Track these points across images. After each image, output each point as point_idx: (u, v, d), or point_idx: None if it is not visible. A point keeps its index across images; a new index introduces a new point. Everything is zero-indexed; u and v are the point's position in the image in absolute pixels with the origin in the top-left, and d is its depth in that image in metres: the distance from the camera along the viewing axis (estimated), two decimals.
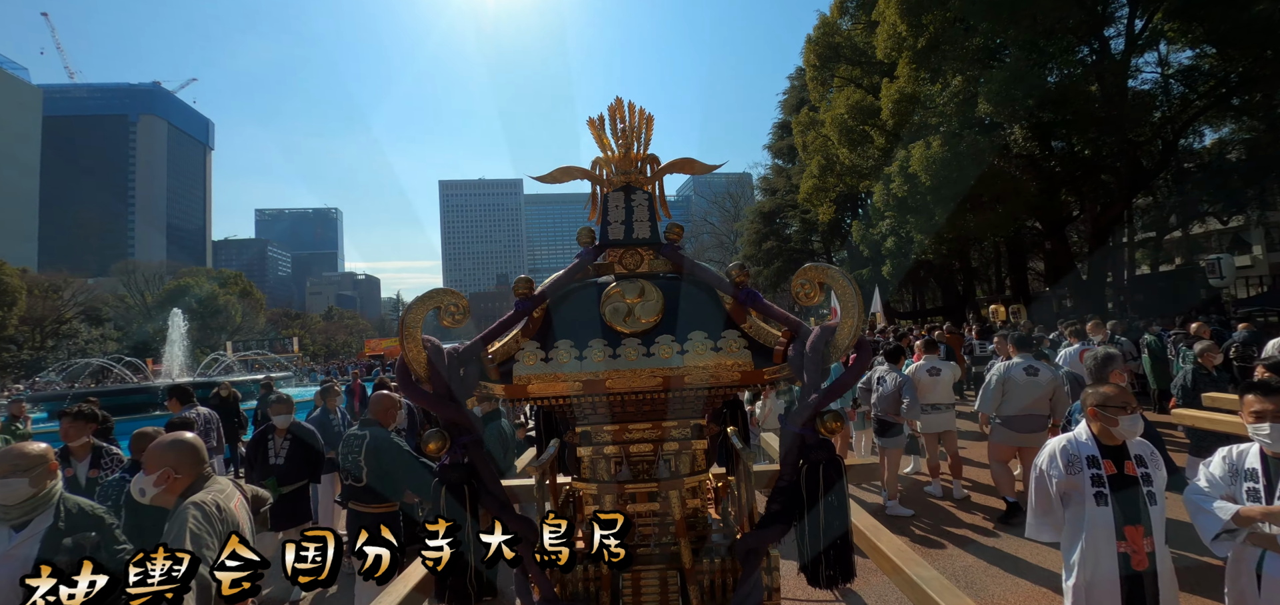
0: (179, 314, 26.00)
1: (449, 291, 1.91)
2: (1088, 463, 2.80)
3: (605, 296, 2.06)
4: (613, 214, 2.30)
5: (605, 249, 2.29)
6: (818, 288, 1.88)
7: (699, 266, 2.18)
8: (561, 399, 1.98)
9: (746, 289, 2.01)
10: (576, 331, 2.00)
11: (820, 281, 1.87)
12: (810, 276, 1.88)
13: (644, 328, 2.00)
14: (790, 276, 9.26)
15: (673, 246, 2.25)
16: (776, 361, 1.90)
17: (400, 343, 1.83)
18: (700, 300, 2.08)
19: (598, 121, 2.42)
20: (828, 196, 30.65)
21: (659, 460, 2.20)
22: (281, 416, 5.18)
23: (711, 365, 1.88)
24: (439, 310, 1.90)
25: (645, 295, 2.04)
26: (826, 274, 1.85)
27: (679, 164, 2.43)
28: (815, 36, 28.96)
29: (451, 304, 1.89)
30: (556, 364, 1.90)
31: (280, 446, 5.07)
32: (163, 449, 2.29)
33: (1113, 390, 2.86)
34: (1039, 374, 5.99)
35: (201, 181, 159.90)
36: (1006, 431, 6.05)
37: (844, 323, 1.79)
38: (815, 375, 1.77)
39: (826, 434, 1.75)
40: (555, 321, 2.07)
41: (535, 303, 2.05)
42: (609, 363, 1.89)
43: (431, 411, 1.81)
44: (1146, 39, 20.90)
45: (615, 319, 2.01)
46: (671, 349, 1.89)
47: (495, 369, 1.93)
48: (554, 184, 2.55)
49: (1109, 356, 3.79)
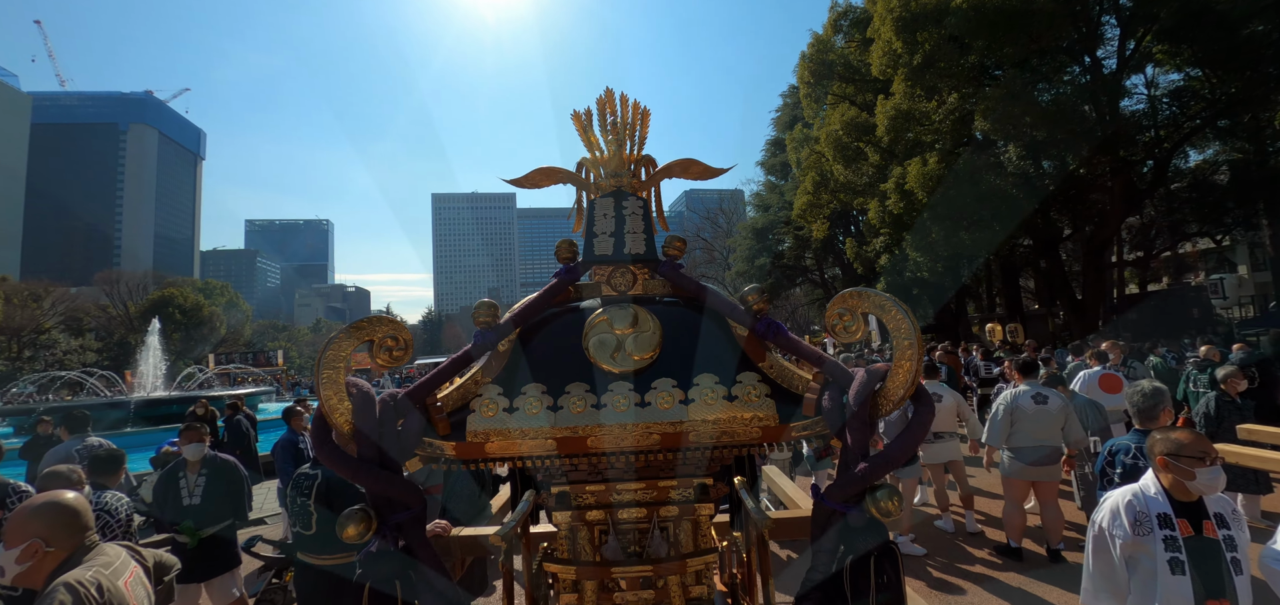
0: (157, 325, 25.18)
1: (385, 320, 1.48)
2: (1159, 522, 2.38)
3: (589, 326, 1.64)
4: (600, 223, 1.88)
5: (590, 266, 1.88)
6: (860, 319, 1.47)
7: (706, 289, 1.76)
8: (529, 460, 1.54)
9: (766, 319, 1.59)
10: (551, 371, 1.57)
11: (864, 311, 1.46)
12: (851, 305, 1.47)
13: (637, 366, 1.58)
14: (784, 293, 8.79)
15: (673, 264, 1.84)
16: (807, 413, 1.48)
17: (316, 386, 1.40)
18: (708, 332, 1.66)
19: (584, 116, 2.02)
20: (822, 213, 30.49)
21: (654, 530, 1.76)
22: (192, 447, 4.42)
23: (724, 418, 1.46)
24: (373, 345, 1.47)
25: (639, 325, 1.62)
26: (873, 302, 1.44)
27: (680, 166, 2.03)
28: (809, 54, 28.97)
29: (388, 337, 1.46)
30: (523, 415, 1.46)
31: (194, 483, 4.34)
32: (28, 515, 1.82)
33: (1188, 437, 2.45)
34: (1048, 401, 5.60)
35: (191, 191, 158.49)
36: (1019, 465, 5.63)
37: (898, 366, 1.38)
38: (861, 434, 1.36)
39: (880, 516, 1.33)
40: (526, 357, 1.64)
41: (500, 333, 1.62)
42: (591, 414, 1.46)
43: (357, 482, 1.38)
44: (1137, 60, 20.97)
45: (601, 354, 1.59)
46: (673, 396, 1.47)
47: (444, 421, 1.50)
48: (533, 188, 2.15)
49: (1158, 392, 3.40)
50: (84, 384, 23.55)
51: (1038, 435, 5.55)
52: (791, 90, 39.19)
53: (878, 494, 1.31)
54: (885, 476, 1.32)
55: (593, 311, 1.69)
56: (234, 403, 9.12)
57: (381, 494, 1.37)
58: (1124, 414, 7.13)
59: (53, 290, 58.57)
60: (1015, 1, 17.44)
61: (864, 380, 1.38)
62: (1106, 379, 6.98)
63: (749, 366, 1.57)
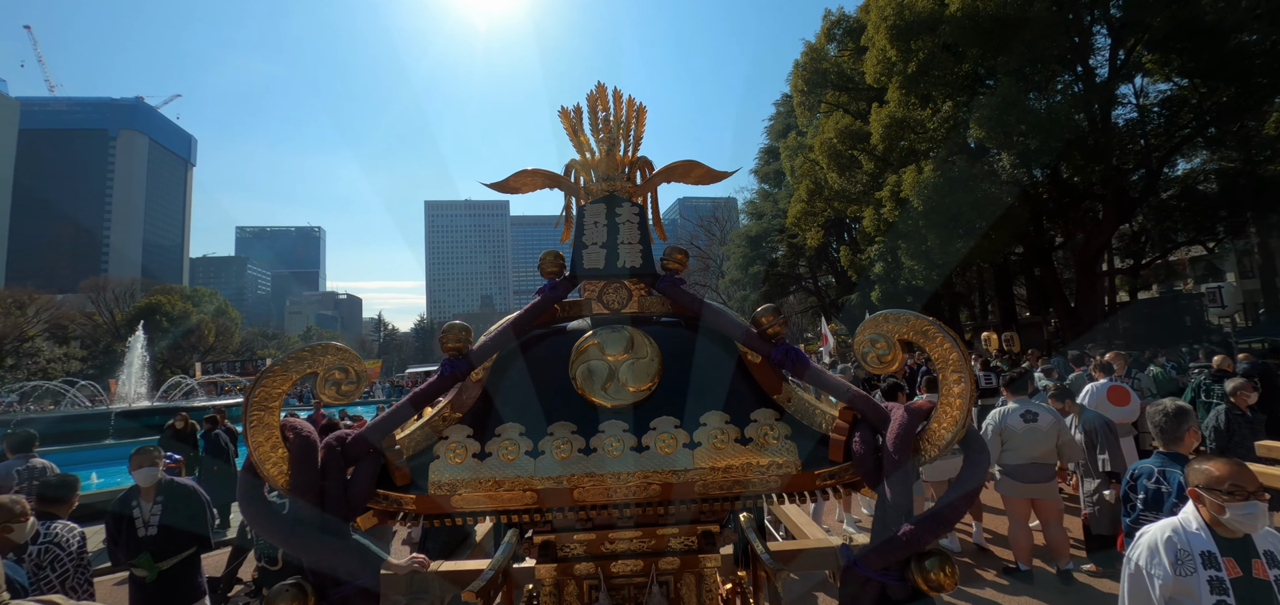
0: (140, 334, 24.65)
1: (331, 349, 1.24)
2: (1203, 561, 2.17)
3: (577, 352, 1.41)
4: (590, 232, 1.66)
5: (578, 281, 1.65)
6: (897, 347, 1.25)
7: (711, 308, 1.53)
8: (507, 514, 1.31)
9: (783, 344, 1.37)
10: (532, 407, 1.34)
11: (902, 337, 1.24)
12: (885, 330, 1.24)
13: (633, 399, 1.35)
14: (778, 301, 8.56)
15: (673, 279, 1.61)
16: (835, 458, 1.26)
17: (244, 429, 1.16)
18: (715, 359, 1.43)
19: (573, 114, 1.80)
20: (816, 221, 30.46)
21: (652, 585, 1.53)
22: (144, 471, 4.01)
23: (737, 465, 1.23)
24: (317, 378, 1.24)
25: (635, 350, 1.40)
26: (913, 326, 1.22)
27: (681, 169, 1.81)
28: (803, 62, 29.00)
29: (336, 369, 1.23)
30: (497, 462, 1.23)
31: (150, 512, 3.95)
32: None
33: (1221, 469, 2.24)
34: (1038, 419, 5.47)
35: (181, 198, 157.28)
36: (1012, 482, 5.50)
37: (946, 403, 1.16)
38: (902, 487, 1.13)
39: (929, 590, 1.10)
40: (503, 390, 1.41)
41: (472, 361, 1.39)
42: (579, 461, 1.23)
43: (290, 551, 1.14)
44: (1127, 70, 21.06)
45: (591, 385, 1.36)
46: (675, 439, 1.24)
47: (403, 469, 1.26)
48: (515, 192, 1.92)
49: (1182, 412, 3.19)
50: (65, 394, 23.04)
51: (1029, 453, 5.41)
52: (785, 98, 39.32)
53: (926, 563, 1.08)
54: (935, 540, 1.10)
55: (581, 334, 1.47)
56: (213, 416, 8.77)
57: (322, 563, 1.13)
58: (1133, 428, 6.96)
59: (38, 297, 57.65)
60: (1009, 9, 17.45)
61: (904, 421, 1.16)
62: (1114, 391, 6.80)
63: (764, 401, 1.35)
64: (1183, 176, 23.76)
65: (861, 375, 14.74)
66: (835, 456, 1.25)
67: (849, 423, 1.27)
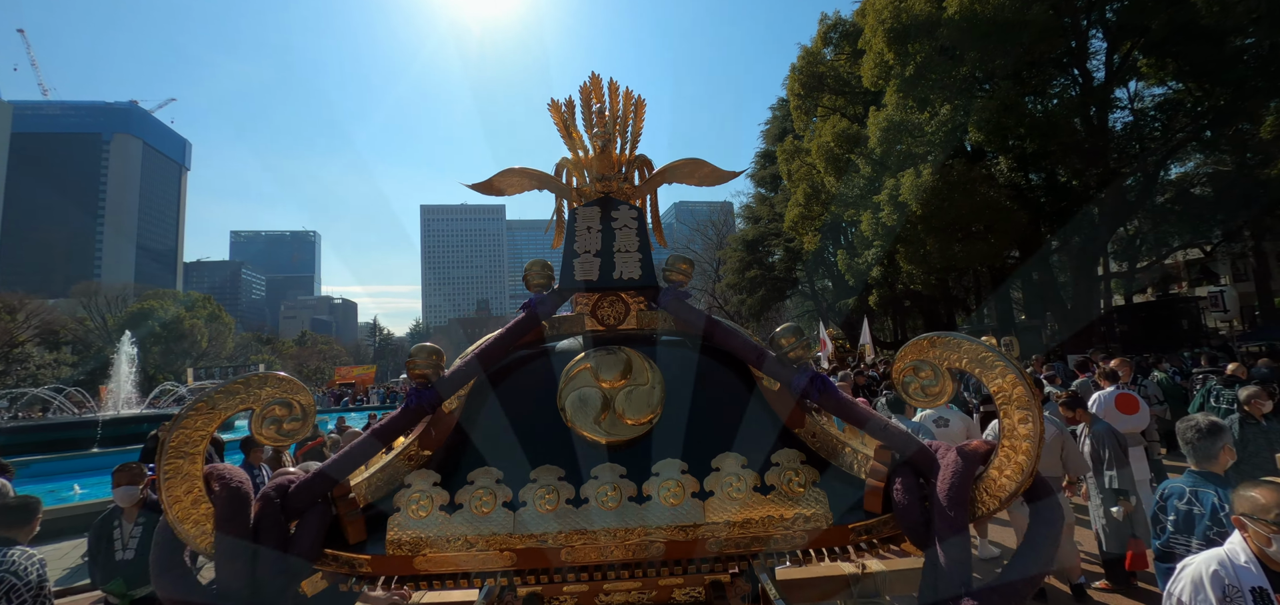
0: (128, 339, 24.29)
1: (276, 379, 1.04)
2: (1254, 598, 1.99)
3: (567, 378, 1.21)
4: (582, 239, 1.46)
5: (569, 294, 1.45)
6: (946, 377, 1.05)
7: (721, 326, 1.34)
8: (480, 577, 1.11)
9: (807, 370, 1.17)
10: (513, 446, 1.14)
11: (951, 366, 1.05)
12: (931, 356, 1.05)
13: (632, 434, 1.15)
14: (775, 305, 8.17)
15: (677, 293, 1.42)
16: (871, 508, 1.07)
17: (157, 476, 0.96)
18: (727, 387, 1.24)
19: (564, 108, 1.61)
20: (813, 225, 30.38)
21: None
22: (124, 490, 3.79)
23: (757, 518, 1.03)
24: (254, 415, 1.03)
25: (633, 375, 1.20)
26: (967, 353, 1.03)
27: (686, 168, 1.61)
28: (799, 66, 28.97)
29: (276, 404, 1.02)
30: (468, 516, 1.03)
31: (129, 534, 3.73)
32: None
33: (1272, 496, 2.06)
34: None
35: (175, 202, 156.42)
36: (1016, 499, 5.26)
37: (1012, 446, 0.96)
38: (958, 550, 0.94)
39: None
40: (480, 424, 1.21)
41: (444, 390, 1.19)
42: (566, 515, 1.03)
43: None
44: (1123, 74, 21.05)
45: (582, 418, 1.16)
46: (683, 488, 1.04)
47: (357, 521, 1.06)
48: (498, 194, 1.73)
49: (1216, 428, 3.01)
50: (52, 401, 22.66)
51: None
52: (781, 103, 39.28)
53: None
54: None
55: (571, 357, 1.27)
56: None
57: None
58: (1141, 437, 6.79)
59: (29, 302, 57.05)
60: (1008, 12, 17.39)
61: (958, 469, 0.96)
62: (1123, 399, 6.63)
63: (786, 438, 1.15)
64: (1177, 180, 23.79)
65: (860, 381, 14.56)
66: (872, 506, 1.05)
67: (887, 465, 1.07)
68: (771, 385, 1.23)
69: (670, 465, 1.07)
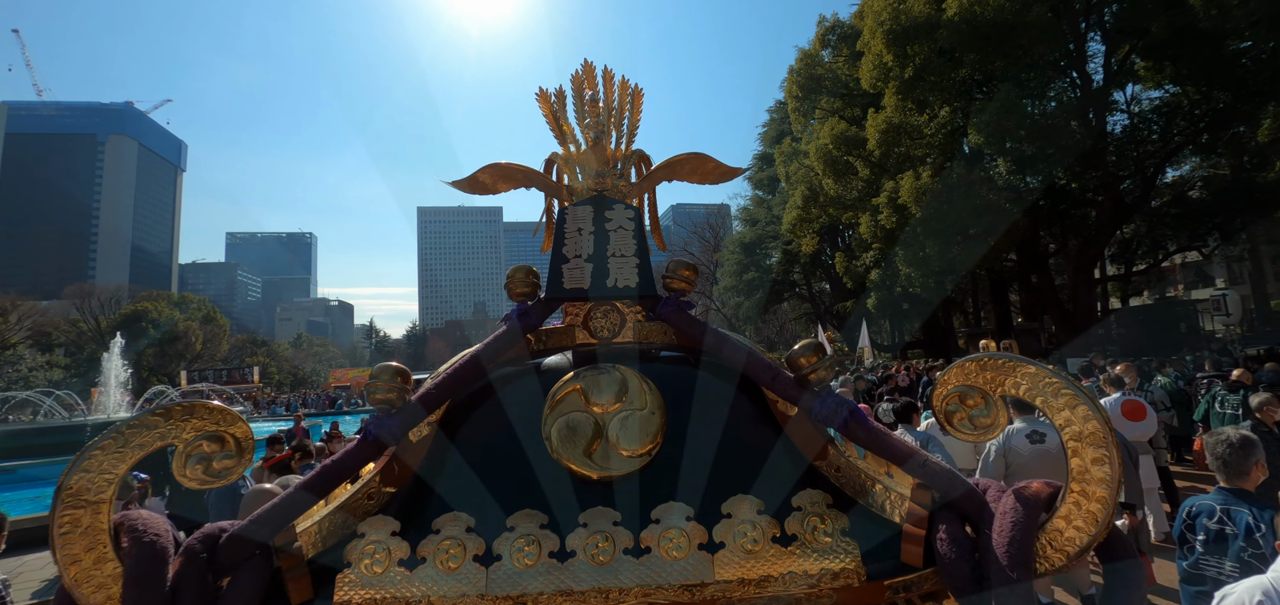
0: (119, 342, 24.01)
1: (205, 409, 0.88)
2: None
3: (553, 402, 1.05)
4: (573, 242, 1.29)
5: (557, 304, 1.29)
6: (999, 407, 0.90)
7: (730, 341, 1.18)
8: None
9: (831, 395, 1.02)
10: (484, 486, 0.99)
11: (1007, 393, 0.89)
12: (981, 381, 0.89)
13: (628, 467, 0.99)
14: (773, 308, 7.95)
15: (679, 303, 1.26)
16: (909, 560, 0.91)
17: (51, 540, 0.79)
18: (738, 413, 1.08)
19: (553, 98, 1.45)
20: (811, 227, 30.30)
21: None
22: None
23: (778, 575, 0.88)
24: (177, 454, 0.87)
25: (630, 398, 1.03)
26: (1032, 381, 0.87)
27: (690, 164, 1.45)
28: (797, 68, 28.93)
29: (205, 439, 0.86)
30: (433, 571, 0.87)
31: None
32: None
33: None
34: (1047, 439, 5.04)
35: (171, 203, 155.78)
36: None
37: (1083, 496, 0.81)
38: None
39: None
40: (450, 459, 1.05)
41: (409, 418, 1.02)
42: (549, 571, 0.87)
43: None
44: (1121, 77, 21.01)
45: (569, 450, 1.00)
46: (688, 538, 0.89)
47: (301, 578, 0.90)
48: (482, 193, 1.57)
49: (1248, 443, 2.86)
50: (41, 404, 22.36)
51: (1038, 477, 5.00)
52: (778, 105, 39.27)
53: None
54: None
55: (558, 376, 1.11)
56: None
57: None
58: (1149, 445, 6.66)
59: (21, 303, 56.60)
60: (1008, 14, 17.31)
61: (1018, 518, 0.80)
62: (1129, 406, 6.50)
63: (809, 475, 0.99)
64: (1173, 184, 23.77)
65: (861, 386, 14.40)
66: (911, 558, 0.89)
67: (926, 507, 0.92)
68: (788, 411, 1.07)
69: (674, 511, 0.91)
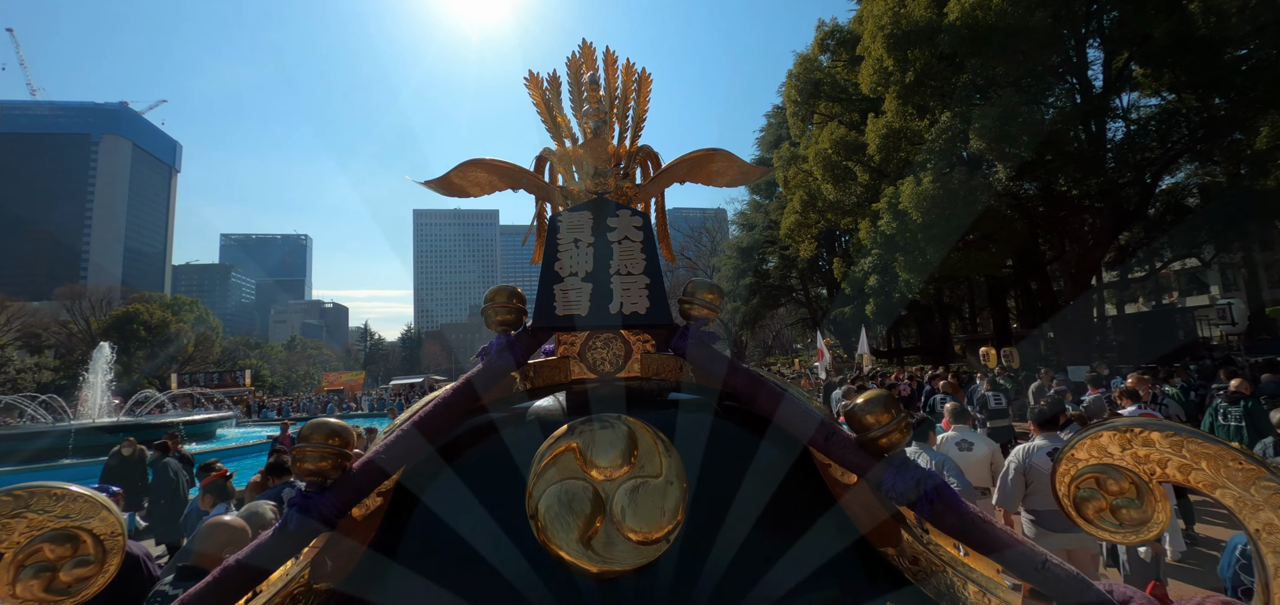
0: (106, 346, 23.60)
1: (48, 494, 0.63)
2: None
3: (540, 466, 0.81)
4: (568, 256, 1.05)
5: (547, 336, 1.05)
6: (1155, 495, 0.65)
7: (768, 385, 0.94)
8: None
9: (906, 464, 0.78)
10: (451, 581, 0.74)
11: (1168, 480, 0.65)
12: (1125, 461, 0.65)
13: (640, 560, 0.75)
14: (770, 313, 7.67)
15: (701, 335, 1.01)
16: None
17: None
18: (780, 483, 0.85)
19: (546, 84, 1.21)
20: (809, 232, 30.17)
21: None
22: None
23: None
24: (4, 561, 0.62)
25: (640, 459, 0.80)
26: (1211, 457, 0.63)
27: (703, 160, 1.22)
28: (796, 72, 28.81)
29: (47, 541, 0.61)
30: None
31: None
32: None
33: None
34: None
35: (165, 204, 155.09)
36: (1043, 532, 4.77)
37: None
38: None
39: None
40: (406, 542, 0.81)
41: (351, 493, 0.78)
42: None
43: None
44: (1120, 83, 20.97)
45: (561, 531, 0.76)
46: None
47: None
48: (460, 195, 1.34)
49: None
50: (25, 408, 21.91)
51: None
52: (776, 110, 39.21)
53: None
54: None
55: (549, 429, 0.86)
56: (164, 442, 7.95)
57: None
58: None
59: (10, 304, 56.00)
60: (1010, 18, 17.21)
61: None
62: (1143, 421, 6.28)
63: (879, 567, 0.75)
64: (1168, 191, 23.76)
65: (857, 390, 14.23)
66: None
67: None
68: (844, 478, 0.82)
69: None
